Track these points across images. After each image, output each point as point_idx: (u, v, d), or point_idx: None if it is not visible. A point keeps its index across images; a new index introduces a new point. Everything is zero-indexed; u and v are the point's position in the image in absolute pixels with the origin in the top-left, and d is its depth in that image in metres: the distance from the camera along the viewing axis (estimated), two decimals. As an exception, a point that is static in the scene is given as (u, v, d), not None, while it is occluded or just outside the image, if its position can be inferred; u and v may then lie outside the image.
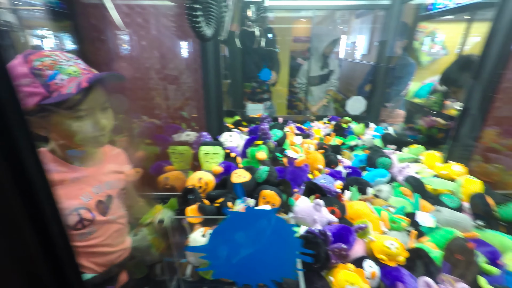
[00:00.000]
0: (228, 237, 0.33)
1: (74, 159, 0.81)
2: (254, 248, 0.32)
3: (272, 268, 0.33)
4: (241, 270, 0.33)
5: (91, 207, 0.82)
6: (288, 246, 0.33)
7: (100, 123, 0.76)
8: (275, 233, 0.32)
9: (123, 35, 1.42)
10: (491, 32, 1.17)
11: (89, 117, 0.74)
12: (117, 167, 0.93)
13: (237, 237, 0.32)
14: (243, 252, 0.32)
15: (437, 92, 2.66)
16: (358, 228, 0.91)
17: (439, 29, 2.74)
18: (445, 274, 0.77)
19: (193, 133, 1.40)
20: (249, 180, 1.02)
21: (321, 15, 3.80)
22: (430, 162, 1.42)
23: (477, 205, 1.00)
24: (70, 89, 0.66)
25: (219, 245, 0.33)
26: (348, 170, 1.35)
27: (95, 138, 0.77)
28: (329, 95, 2.82)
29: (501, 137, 1.44)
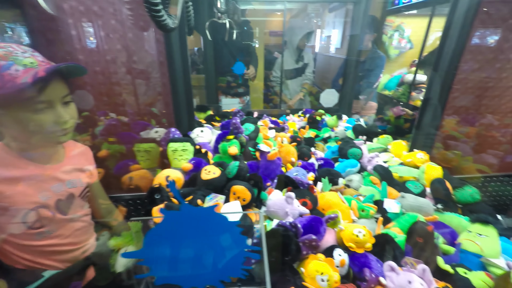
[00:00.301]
0: (166, 239, 0.30)
1: (32, 156, 0.76)
2: (196, 248, 0.30)
3: (219, 268, 0.31)
4: (186, 273, 0.30)
5: (50, 206, 0.77)
6: (233, 244, 0.31)
7: (62, 117, 0.72)
8: (218, 232, 0.30)
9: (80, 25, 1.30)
10: (446, 26, 1.23)
11: (49, 111, 0.70)
12: (80, 165, 0.88)
13: (177, 238, 0.30)
14: (185, 254, 0.30)
15: (404, 84, 2.80)
16: (328, 218, 0.92)
17: (405, 23, 2.85)
18: (408, 256, 0.80)
19: (162, 129, 1.34)
20: (219, 176, 0.99)
21: (294, 8, 3.81)
22: (397, 151, 1.49)
23: (437, 190, 1.06)
24: (25, 79, 0.63)
25: (157, 248, 0.30)
26: (320, 162, 1.37)
27: (55, 134, 0.72)
28: (305, 89, 2.84)
29: (459, 125, 1.54)
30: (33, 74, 0.64)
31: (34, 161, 0.76)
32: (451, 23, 1.22)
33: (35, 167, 0.76)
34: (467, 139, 1.53)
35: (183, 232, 0.30)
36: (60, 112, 0.71)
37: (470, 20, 1.20)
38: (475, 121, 1.54)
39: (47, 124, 0.69)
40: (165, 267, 0.30)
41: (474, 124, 1.54)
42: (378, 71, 2.58)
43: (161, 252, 0.30)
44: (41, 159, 0.78)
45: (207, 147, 1.31)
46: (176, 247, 0.30)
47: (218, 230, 0.30)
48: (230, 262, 0.32)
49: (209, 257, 0.31)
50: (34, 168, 0.76)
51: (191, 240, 0.30)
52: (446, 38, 1.25)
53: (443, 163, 1.44)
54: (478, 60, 1.39)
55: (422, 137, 1.46)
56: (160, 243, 0.30)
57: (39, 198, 0.75)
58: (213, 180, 0.97)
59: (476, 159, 1.48)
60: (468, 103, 1.50)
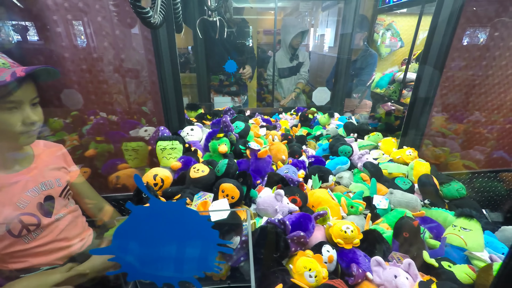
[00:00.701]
0: (135, 234, 0.30)
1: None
2: (167, 243, 0.30)
3: (192, 263, 0.31)
4: (158, 269, 0.30)
5: (33, 211, 0.77)
6: (205, 239, 0.31)
7: (30, 118, 0.72)
8: (188, 226, 0.30)
9: (65, 22, 1.27)
10: (432, 24, 1.25)
11: (17, 111, 0.70)
12: (54, 164, 0.86)
13: (147, 234, 0.29)
14: (156, 250, 0.29)
15: (396, 82, 2.83)
16: (317, 215, 0.93)
17: (395, 22, 2.88)
18: (395, 251, 0.81)
19: (151, 128, 1.32)
20: (208, 174, 0.98)
21: (287, 6, 3.81)
22: (387, 148, 1.51)
23: (424, 186, 1.07)
24: (2, 77, 0.63)
25: (126, 244, 0.30)
26: (311, 159, 1.37)
27: (22, 135, 0.71)
28: (298, 88, 2.81)
29: (447, 122, 1.57)
30: (11, 73, 0.64)
31: (2, 172, 0.75)
32: (437, 21, 1.24)
33: (3, 177, 0.74)
34: (455, 136, 1.56)
35: (153, 228, 0.30)
36: (28, 113, 0.71)
37: (456, 19, 1.21)
38: (463, 118, 1.57)
39: (14, 124, 0.69)
40: (136, 263, 0.30)
41: (462, 121, 1.57)
42: (371, 69, 2.58)
43: (131, 248, 0.29)
44: (8, 166, 0.76)
45: (197, 146, 1.30)
46: (146, 242, 0.30)
47: (189, 225, 0.30)
48: (202, 257, 0.31)
49: (181, 253, 0.30)
50: (6, 178, 0.74)
51: (162, 236, 0.30)
52: (433, 37, 1.27)
53: (431, 159, 1.46)
54: (465, 58, 1.42)
55: (411, 134, 1.48)
56: (130, 238, 0.30)
57: (18, 206, 0.74)
58: (202, 178, 0.97)
59: (463, 155, 1.51)
60: (455, 100, 1.53)
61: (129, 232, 0.30)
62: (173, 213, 0.29)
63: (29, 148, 0.83)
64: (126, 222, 0.30)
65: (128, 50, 1.24)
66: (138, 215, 0.29)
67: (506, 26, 1.36)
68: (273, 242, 0.81)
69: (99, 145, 1.19)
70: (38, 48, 1.35)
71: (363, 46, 2.52)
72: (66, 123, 1.43)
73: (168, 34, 1.20)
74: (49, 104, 1.41)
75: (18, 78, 0.65)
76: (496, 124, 1.56)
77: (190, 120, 1.66)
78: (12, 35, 1.34)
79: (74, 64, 1.32)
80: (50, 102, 1.39)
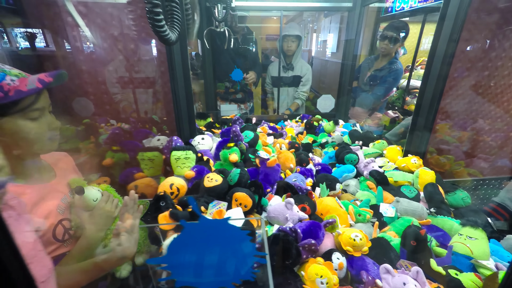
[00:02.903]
0: (186, 247, 0.34)
1: (33, 178, 0.78)
2: (211, 255, 0.34)
3: (231, 272, 0.35)
4: (202, 277, 0.34)
5: (69, 216, 0.82)
6: (243, 251, 0.35)
7: (54, 122, 0.76)
8: (230, 240, 0.34)
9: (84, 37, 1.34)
10: (436, 34, 1.29)
11: (43, 118, 0.73)
12: (71, 171, 0.91)
13: (194, 246, 0.33)
14: (202, 260, 0.34)
15: (399, 89, 2.86)
16: (327, 223, 0.96)
17: (398, 30, 2.92)
18: (403, 259, 0.85)
19: (164, 137, 1.37)
20: (221, 183, 1.02)
21: (290, 15, 3.87)
22: (392, 155, 1.54)
23: (430, 194, 1.10)
24: (32, 85, 0.66)
25: (178, 255, 0.34)
26: (318, 167, 1.41)
27: (52, 140, 0.75)
28: (289, 110, 2.58)
29: (452, 130, 1.59)
30: (37, 80, 0.67)
31: (37, 182, 0.78)
32: (441, 31, 1.28)
33: (43, 187, 0.79)
34: (460, 144, 1.59)
35: (201, 241, 0.34)
36: (51, 119, 0.75)
37: (459, 29, 1.25)
38: (467, 126, 1.59)
39: (43, 131, 0.72)
40: (184, 272, 0.34)
41: (466, 128, 1.60)
42: (390, 85, 2.23)
43: (181, 258, 0.34)
44: (43, 176, 0.81)
45: (208, 154, 1.35)
46: (194, 254, 0.34)
47: (231, 238, 0.34)
48: (241, 266, 0.35)
49: (223, 263, 0.35)
50: (43, 188, 0.78)
51: (207, 248, 0.34)
52: (436, 46, 1.31)
53: (436, 167, 1.49)
54: (468, 67, 1.45)
55: (416, 142, 1.51)
56: (181, 250, 0.34)
57: (59, 213, 0.79)
58: (216, 187, 1.01)
59: (467, 163, 1.53)
60: (459, 108, 1.56)
61: (180, 245, 0.34)
62: (218, 228, 0.34)
63: (44, 160, 0.86)
64: (179, 236, 0.34)
65: (143, 62, 1.30)
66: (189, 231, 0.34)
67: (508, 37, 1.39)
68: (285, 249, 0.84)
69: (115, 155, 1.24)
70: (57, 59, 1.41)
71: (389, 57, 2.20)
72: (78, 130, 1.49)
73: (181, 47, 1.26)
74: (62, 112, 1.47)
75: (47, 84, 0.68)
76: (500, 132, 1.59)
77: (200, 129, 1.71)
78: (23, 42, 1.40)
79: (91, 76, 1.38)
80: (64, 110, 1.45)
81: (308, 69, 2.53)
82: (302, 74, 2.53)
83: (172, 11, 0.99)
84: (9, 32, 1.62)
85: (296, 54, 2.47)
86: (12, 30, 1.63)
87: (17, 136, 0.68)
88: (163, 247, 0.84)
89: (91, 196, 0.83)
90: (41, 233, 0.73)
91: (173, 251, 0.34)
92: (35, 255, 0.55)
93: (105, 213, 0.84)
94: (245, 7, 2.24)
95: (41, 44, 1.58)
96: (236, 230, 0.34)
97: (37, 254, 0.56)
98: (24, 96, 0.66)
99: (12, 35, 1.63)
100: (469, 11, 1.25)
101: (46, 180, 0.82)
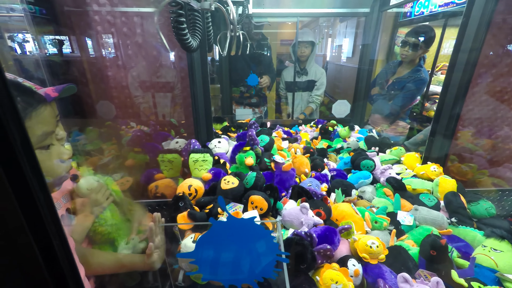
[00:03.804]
0: (213, 243, 0.36)
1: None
2: (236, 252, 0.36)
3: (254, 270, 0.37)
4: (227, 272, 0.36)
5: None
6: (266, 250, 0.37)
7: (59, 134, 0.78)
8: (254, 239, 0.36)
9: (109, 43, 1.42)
10: (458, 39, 1.26)
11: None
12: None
13: (221, 243, 0.36)
14: (227, 257, 0.36)
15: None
16: (342, 229, 0.96)
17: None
18: (422, 269, 0.83)
19: (182, 140, 1.42)
20: (238, 186, 1.05)
21: (305, 20, 3.88)
22: (410, 162, 1.50)
23: (451, 203, 1.07)
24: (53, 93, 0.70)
25: (205, 251, 0.36)
26: (333, 172, 1.40)
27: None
28: (303, 114, 2.58)
29: (474, 137, 1.54)
30: (55, 88, 0.72)
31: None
32: (463, 36, 1.25)
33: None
34: (483, 152, 1.53)
35: (227, 238, 0.36)
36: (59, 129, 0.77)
37: (484, 33, 1.22)
38: (491, 133, 1.53)
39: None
40: (210, 267, 0.36)
41: (490, 136, 1.53)
42: (412, 95, 2.04)
43: (208, 254, 0.36)
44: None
45: (224, 157, 1.38)
46: (220, 250, 0.36)
47: (255, 237, 0.36)
48: (264, 264, 0.37)
49: (247, 260, 0.36)
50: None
51: (233, 245, 0.36)
52: (458, 52, 1.28)
53: (457, 176, 1.43)
54: (492, 73, 1.40)
55: (436, 149, 1.47)
56: (208, 246, 0.36)
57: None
58: (232, 190, 1.03)
59: (492, 173, 1.47)
60: (483, 115, 1.50)
61: (208, 241, 0.36)
62: (244, 227, 0.36)
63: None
64: (207, 233, 0.37)
65: (164, 68, 1.36)
66: (217, 228, 0.36)
67: (536, 41, 1.34)
68: (300, 253, 0.85)
69: (136, 156, 1.30)
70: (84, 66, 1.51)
71: (412, 64, 2.03)
72: (101, 132, 1.57)
73: (201, 54, 1.31)
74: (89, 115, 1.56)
75: (53, 99, 0.70)
76: (528, 140, 1.51)
77: (216, 132, 1.76)
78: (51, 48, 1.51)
79: (116, 81, 1.46)
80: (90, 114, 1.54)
81: (322, 73, 2.54)
82: (316, 78, 2.54)
83: (195, 21, 1.04)
84: (39, 39, 1.76)
85: (310, 59, 2.49)
86: (42, 37, 1.77)
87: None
88: (181, 246, 0.87)
89: (85, 185, 0.87)
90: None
91: (201, 247, 0.36)
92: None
93: (93, 202, 0.87)
94: (262, 14, 2.28)
95: (67, 50, 1.71)
96: (260, 229, 0.36)
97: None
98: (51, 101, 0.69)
99: (42, 41, 1.77)
100: (495, 14, 1.21)
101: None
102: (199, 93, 1.36)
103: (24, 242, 0.29)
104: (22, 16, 1.50)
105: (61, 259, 0.31)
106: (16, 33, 1.97)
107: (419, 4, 2.35)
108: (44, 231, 0.29)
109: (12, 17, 1.75)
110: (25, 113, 0.57)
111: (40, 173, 0.29)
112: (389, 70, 2.23)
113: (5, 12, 1.82)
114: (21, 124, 0.27)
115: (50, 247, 0.30)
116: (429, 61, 3.11)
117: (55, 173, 0.71)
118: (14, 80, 0.69)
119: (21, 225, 0.28)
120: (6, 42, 1.94)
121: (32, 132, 0.59)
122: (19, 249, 0.29)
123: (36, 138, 0.61)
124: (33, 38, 1.72)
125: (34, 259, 0.29)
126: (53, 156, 0.69)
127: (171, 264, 0.85)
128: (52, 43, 1.78)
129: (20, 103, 0.58)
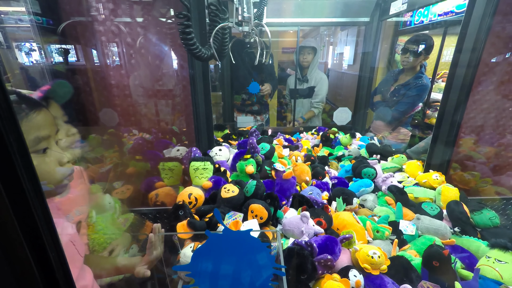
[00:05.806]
0: (209, 256, 0.36)
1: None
2: (233, 265, 0.36)
3: (251, 282, 0.36)
4: (224, 286, 0.36)
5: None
6: (262, 262, 0.37)
7: (63, 138, 0.81)
8: (251, 251, 0.36)
9: (114, 54, 1.46)
10: (457, 47, 1.27)
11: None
12: (81, 183, 0.95)
13: (217, 256, 0.35)
14: (224, 269, 0.36)
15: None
16: (343, 238, 0.94)
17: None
18: (425, 280, 0.81)
19: (183, 148, 1.43)
20: (238, 194, 1.04)
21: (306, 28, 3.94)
22: (412, 171, 1.49)
23: (453, 212, 1.05)
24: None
25: (201, 263, 0.36)
26: (334, 180, 1.39)
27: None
28: (302, 118, 2.61)
29: (477, 145, 1.53)
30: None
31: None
32: (463, 44, 1.26)
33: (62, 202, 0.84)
34: (486, 160, 1.51)
35: (224, 251, 0.36)
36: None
37: (482, 42, 1.22)
38: (493, 141, 1.52)
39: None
40: (207, 280, 0.36)
41: (493, 144, 1.52)
42: (413, 101, 2.04)
43: (205, 267, 0.36)
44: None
45: (225, 166, 1.38)
46: (217, 263, 0.36)
47: (252, 250, 0.36)
48: (260, 277, 0.37)
49: (244, 273, 0.36)
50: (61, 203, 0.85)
51: (230, 257, 0.36)
52: (458, 59, 1.29)
53: (460, 184, 1.42)
54: (493, 81, 1.41)
55: (438, 157, 1.46)
56: (204, 259, 0.36)
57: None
58: (232, 198, 1.03)
59: (495, 181, 1.45)
60: (485, 122, 1.50)
61: (204, 254, 0.36)
62: (240, 239, 0.36)
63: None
64: (203, 245, 0.36)
65: (166, 77, 1.38)
66: (213, 241, 0.36)
67: (536, 49, 1.34)
68: (300, 263, 0.84)
69: (137, 164, 1.30)
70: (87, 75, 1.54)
71: (413, 72, 2.05)
72: (103, 139, 1.59)
73: (202, 64, 1.33)
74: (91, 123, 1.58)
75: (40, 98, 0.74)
76: (531, 148, 1.50)
77: (217, 140, 1.76)
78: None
79: (119, 89, 1.48)
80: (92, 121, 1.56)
81: (322, 78, 2.56)
82: (316, 84, 2.58)
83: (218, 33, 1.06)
84: (45, 48, 1.81)
85: (312, 66, 2.51)
86: (49, 46, 1.82)
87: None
88: (181, 255, 0.86)
89: (107, 199, 0.88)
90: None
91: (196, 259, 0.36)
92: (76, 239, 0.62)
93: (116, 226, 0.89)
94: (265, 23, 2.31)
95: (72, 58, 1.76)
96: (257, 241, 0.36)
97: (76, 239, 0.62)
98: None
99: (48, 50, 1.82)
100: (493, 23, 1.22)
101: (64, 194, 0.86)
102: (200, 101, 1.37)
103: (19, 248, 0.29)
104: (29, 27, 1.55)
105: (56, 271, 0.31)
106: (23, 42, 2.04)
107: (418, 13, 2.38)
108: (39, 237, 0.30)
109: (20, 28, 1.81)
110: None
111: (35, 176, 0.29)
112: (391, 78, 2.25)
113: (13, 23, 1.88)
114: (19, 132, 0.28)
115: (46, 257, 0.30)
116: (429, 69, 3.13)
117: (54, 178, 0.67)
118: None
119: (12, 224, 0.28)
120: (14, 52, 2.01)
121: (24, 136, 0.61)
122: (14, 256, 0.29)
123: (28, 143, 0.59)
124: (39, 47, 1.77)
125: (27, 260, 0.30)
126: (50, 160, 0.64)
127: (170, 274, 0.84)
128: (58, 51, 1.83)
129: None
